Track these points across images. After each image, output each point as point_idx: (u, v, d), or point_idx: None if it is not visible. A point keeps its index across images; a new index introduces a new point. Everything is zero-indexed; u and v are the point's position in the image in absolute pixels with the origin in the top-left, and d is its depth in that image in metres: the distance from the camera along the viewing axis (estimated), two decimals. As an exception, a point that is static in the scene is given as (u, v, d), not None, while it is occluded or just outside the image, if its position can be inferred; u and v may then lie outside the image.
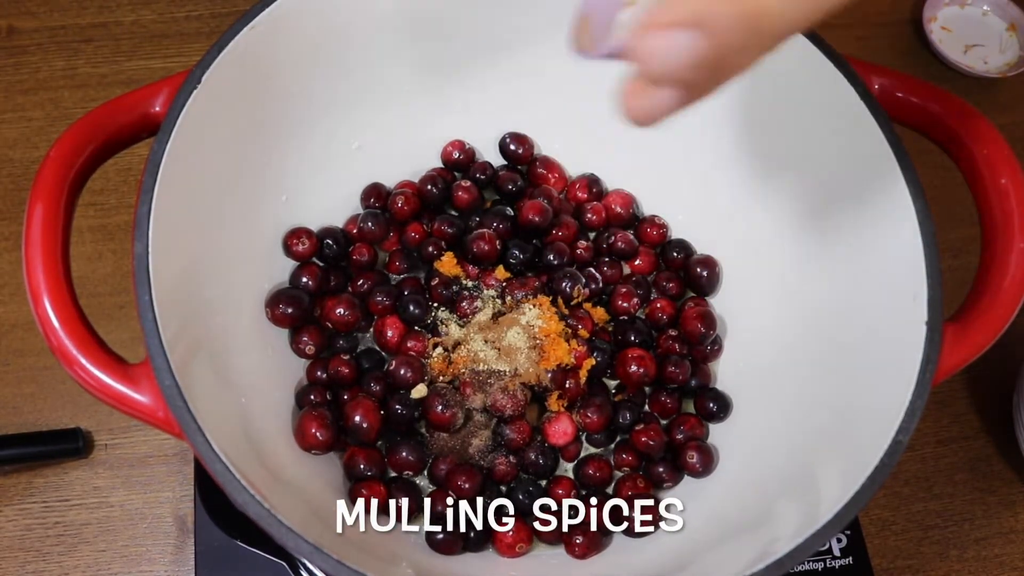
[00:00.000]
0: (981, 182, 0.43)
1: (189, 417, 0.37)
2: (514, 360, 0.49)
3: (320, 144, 0.53)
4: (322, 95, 0.52)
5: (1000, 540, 0.59)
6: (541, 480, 0.50)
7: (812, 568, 0.54)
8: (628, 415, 0.51)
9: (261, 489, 0.37)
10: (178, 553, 0.55)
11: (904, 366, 0.40)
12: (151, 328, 0.38)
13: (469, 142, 0.58)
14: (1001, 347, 0.42)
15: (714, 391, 0.53)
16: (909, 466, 0.61)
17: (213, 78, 0.43)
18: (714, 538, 0.45)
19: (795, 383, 0.49)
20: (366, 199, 0.57)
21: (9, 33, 0.71)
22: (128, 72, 0.70)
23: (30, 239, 0.39)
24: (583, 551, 0.47)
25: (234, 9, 0.73)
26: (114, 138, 0.42)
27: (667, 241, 0.58)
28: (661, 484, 0.50)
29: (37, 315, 0.38)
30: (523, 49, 0.54)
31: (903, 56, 0.79)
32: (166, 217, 0.40)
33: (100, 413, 0.58)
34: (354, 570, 0.36)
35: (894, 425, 0.38)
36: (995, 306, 0.41)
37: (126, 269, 0.40)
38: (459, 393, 0.49)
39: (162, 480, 0.57)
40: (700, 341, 0.53)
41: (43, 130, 0.67)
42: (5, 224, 0.64)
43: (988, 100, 0.77)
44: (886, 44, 0.79)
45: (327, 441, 0.47)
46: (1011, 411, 0.60)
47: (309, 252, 0.53)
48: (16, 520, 0.56)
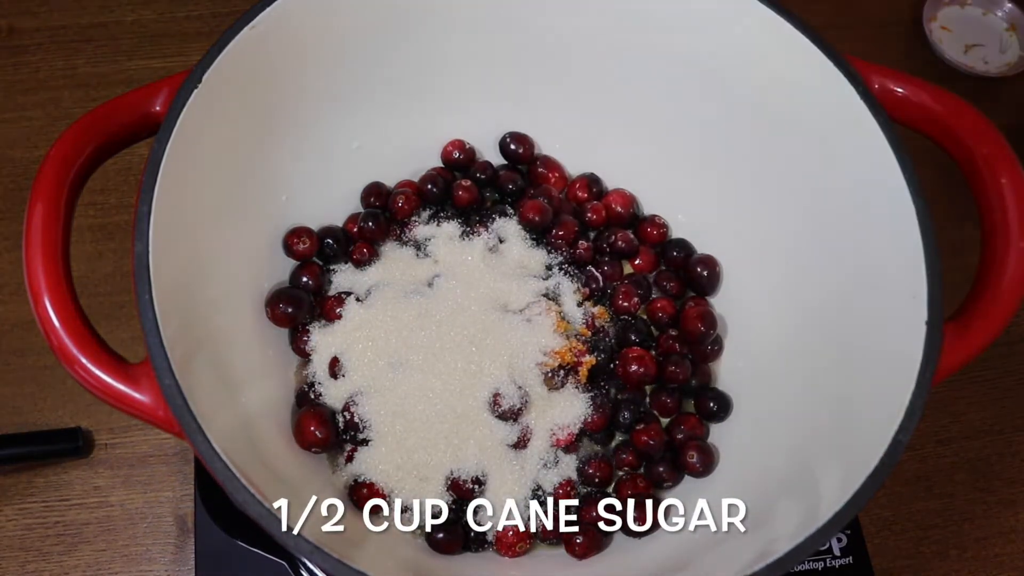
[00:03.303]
0: (981, 182, 0.43)
1: (189, 417, 0.37)
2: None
3: (320, 144, 0.53)
4: (322, 95, 0.52)
5: (1000, 540, 0.59)
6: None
7: (812, 568, 0.54)
8: (628, 414, 0.51)
9: (261, 488, 0.37)
10: (178, 553, 0.55)
11: (904, 366, 0.40)
12: (151, 328, 0.38)
13: (469, 142, 0.58)
14: (1001, 347, 0.42)
15: (714, 391, 0.53)
16: (909, 466, 0.61)
17: (213, 78, 0.43)
18: (714, 537, 0.45)
19: (795, 383, 0.49)
20: (366, 198, 0.57)
21: (9, 33, 0.71)
22: (128, 72, 0.70)
23: (30, 239, 0.39)
24: (583, 551, 0.47)
25: (234, 9, 0.73)
26: (114, 138, 0.42)
27: (667, 241, 0.58)
28: (661, 484, 0.50)
29: (37, 315, 0.38)
30: (524, 48, 0.54)
31: (903, 56, 0.79)
32: (166, 217, 0.40)
33: (100, 413, 0.58)
34: (354, 570, 0.36)
35: (894, 425, 0.38)
36: (995, 306, 0.41)
37: (126, 269, 0.40)
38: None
39: (162, 480, 0.57)
40: (700, 341, 0.53)
41: (43, 130, 0.67)
42: (5, 224, 0.64)
43: (988, 100, 0.77)
44: (886, 44, 0.79)
45: (326, 439, 0.47)
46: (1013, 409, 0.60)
47: (310, 251, 0.53)
48: (16, 520, 0.56)
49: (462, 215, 0.57)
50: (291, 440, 0.48)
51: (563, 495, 0.49)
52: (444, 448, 0.48)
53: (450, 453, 0.48)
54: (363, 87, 0.53)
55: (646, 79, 0.54)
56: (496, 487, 0.48)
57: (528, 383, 0.49)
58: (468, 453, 0.48)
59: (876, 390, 0.42)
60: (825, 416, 0.45)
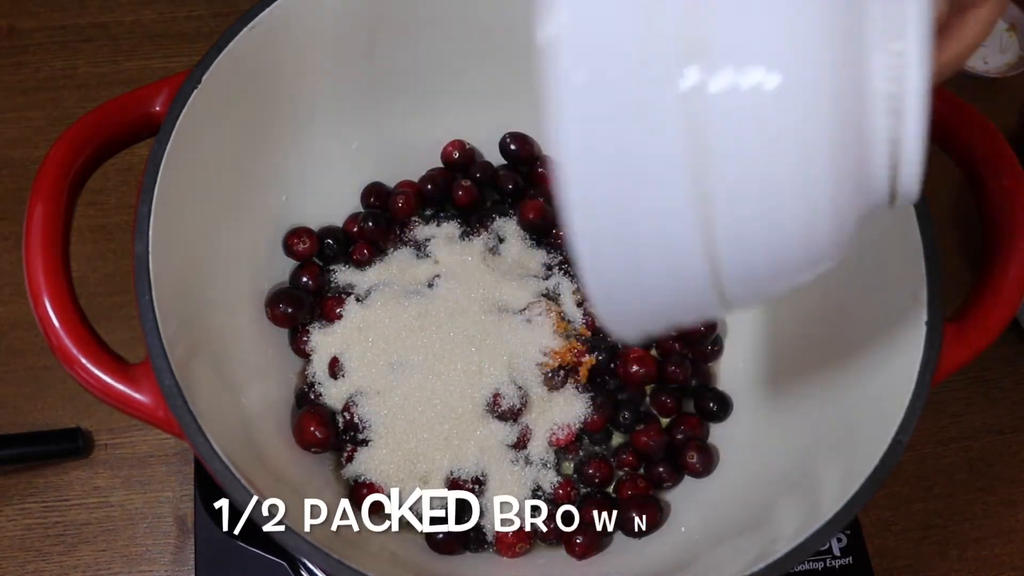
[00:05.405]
0: (981, 182, 0.43)
1: (189, 417, 0.37)
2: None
3: (320, 144, 0.53)
4: (322, 95, 0.52)
5: (1000, 540, 0.59)
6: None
7: (812, 568, 0.54)
8: (628, 415, 0.51)
9: (261, 488, 0.37)
10: (178, 553, 0.55)
11: (904, 366, 0.40)
12: (151, 328, 0.38)
13: (469, 142, 0.58)
14: (1002, 347, 0.42)
15: (715, 391, 0.53)
16: (909, 466, 0.61)
17: (213, 78, 0.43)
18: (714, 538, 0.45)
19: (795, 383, 0.49)
20: (366, 198, 0.57)
21: (9, 33, 0.71)
22: (128, 72, 0.70)
23: (30, 239, 0.39)
24: (583, 551, 0.47)
25: (234, 9, 0.73)
26: (114, 138, 0.42)
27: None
28: (661, 484, 0.50)
29: (37, 315, 0.38)
30: (525, 48, 0.54)
31: (903, 56, 0.78)
32: (166, 217, 0.40)
33: (100, 413, 0.58)
34: (354, 570, 0.36)
35: (894, 425, 0.38)
36: (995, 306, 0.41)
37: (126, 269, 0.40)
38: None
39: (162, 480, 0.57)
40: (700, 341, 0.53)
41: (43, 130, 0.67)
42: (5, 224, 0.64)
43: (988, 100, 0.76)
44: (886, 44, 0.79)
45: (326, 439, 0.47)
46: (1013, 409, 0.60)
47: (310, 251, 0.53)
48: (16, 520, 0.56)
49: (462, 215, 0.57)
50: (291, 440, 0.48)
51: (563, 496, 0.49)
52: (444, 448, 0.48)
53: (450, 453, 0.48)
54: (363, 87, 0.53)
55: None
56: (496, 487, 0.48)
57: (528, 383, 0.49)
58: (468, 453, 0.48)
59: (876, 390, 0.42)
60: (825, 416, 0.45)
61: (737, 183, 0.24)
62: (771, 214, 0.24)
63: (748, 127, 0.23)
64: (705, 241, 0.24)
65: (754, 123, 0.23)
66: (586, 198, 0.25)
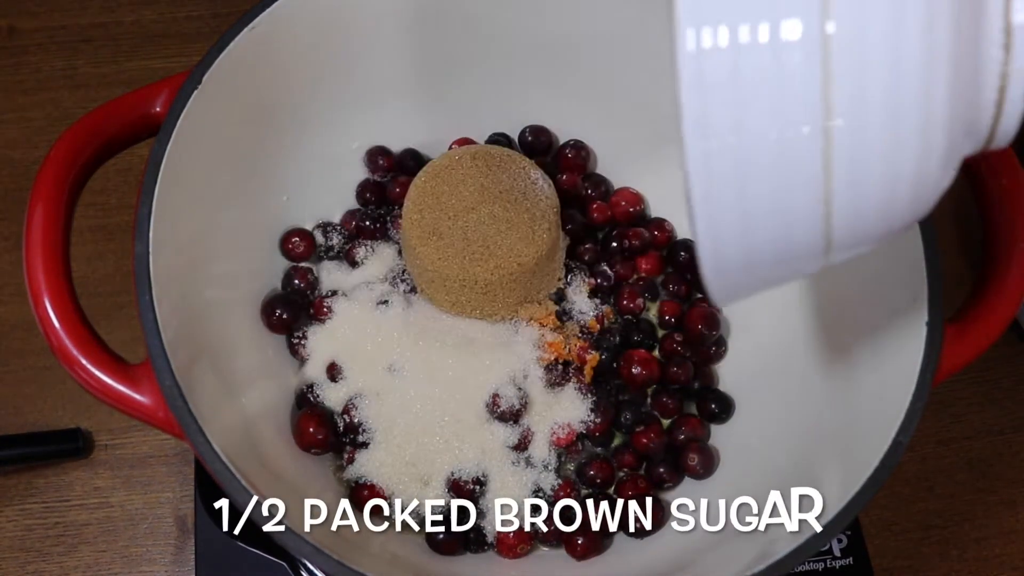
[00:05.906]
0: (981, 182, 0.43)
1: (189, 417, 0.37)
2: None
3: (321, 144, 0.53)
4: (323, 95, 0.52)
5: (1000, 540, 0.59)
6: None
7: (812, 568, 0.54)
8: (629, 416, 0.51)
9: (261, 489, 0.37)
10: (178, 553, 0.55)
11: (904, 366, 0.40)
12: (151, 328, 0.38)
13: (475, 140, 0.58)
14: (1002, 347, 0.42)
15: (716, 392, 0.53)
16: (909, 466, 0.61)
17: (214, 78, 0.43)
18: (714, 538, 0.45)
19: (796, 384, 0.49)
20: (361, 195, 0.56)
21: (9, 33, 0.71)
22: (128, 72, 0.70)
23: (30, 239, 0.39)
24: (583, 552, 0.47)
25: (234, 9, 0.73)
26: (114, 138, 0.42)
27: (673, 242, 0.57)
28: (662, 485, 0.50)
29: (37, 315, 0.38)
30: (527, 48, 0.54)
31: (903, 56, 0.78)
32: (166, 217, 0.40)
33: (100, 413, 0.58)
34: (354, 571, 0.36)
35: (894, 426, 0.38)
36: (996, 306, 0.41)
37: (126, 269, 0.40)
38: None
39: (162, 480, 0.57)
40: (702, 342, 0.53)
41: (43, 130, 0.67)
42: (5, 224, 0.64)
43: (988, 100, 0.76)
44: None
45: (325, 440, 0.47)
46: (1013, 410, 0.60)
47: (306, 253, 0.53)
48: (16, 520, 0.56)
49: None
50: (291, 441, 0.48)
51: (564, 496, 0.49)
52: (444, 450, 0.48)
53: (450, 455, 0.48)
54: (363, 87, 0.53)
55: (652, 80, 0.53)
56: (497, 489, 0.48)
57: (527, 383, 0.49)
58: (468, 454, 0.48)
59: (876, 391, 0.42)
60: (825, 417, 0.45)
61: (859, 114, 0.24)
62: (890, 152, 0.24)
63: (872, 54, 0.23)
64: (824, 166, 0.24)
65: (879, 50, 0.23)
66: (702, 118, 0.26)
